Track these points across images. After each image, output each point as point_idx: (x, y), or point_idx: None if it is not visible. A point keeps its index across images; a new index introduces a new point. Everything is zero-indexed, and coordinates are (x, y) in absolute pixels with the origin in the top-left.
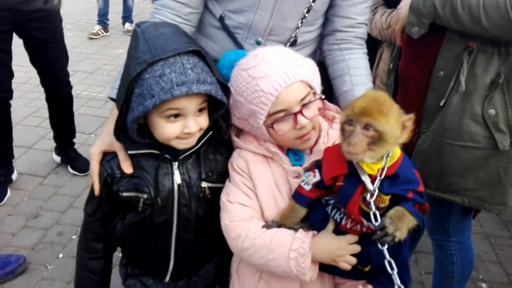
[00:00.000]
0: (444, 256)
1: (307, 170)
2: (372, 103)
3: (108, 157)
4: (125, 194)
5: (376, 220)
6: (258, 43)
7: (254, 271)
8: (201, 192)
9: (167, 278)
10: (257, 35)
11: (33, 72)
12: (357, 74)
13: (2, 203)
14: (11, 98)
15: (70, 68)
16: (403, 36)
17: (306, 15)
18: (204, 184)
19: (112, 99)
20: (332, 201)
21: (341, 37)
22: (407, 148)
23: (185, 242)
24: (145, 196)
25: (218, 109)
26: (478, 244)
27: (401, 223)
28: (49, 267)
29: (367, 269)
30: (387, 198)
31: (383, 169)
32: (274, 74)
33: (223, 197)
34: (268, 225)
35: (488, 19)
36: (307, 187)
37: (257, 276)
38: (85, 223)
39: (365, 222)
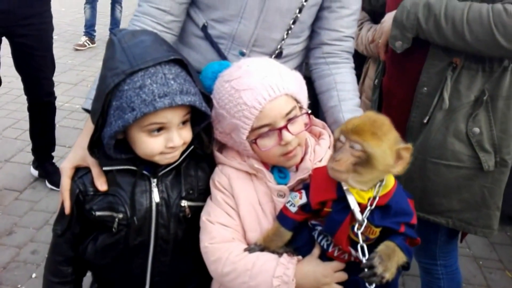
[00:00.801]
0: (431, 281)
1: (293, 189)
2: (367, 123)
3: (80, 172)
4: (98, 213)
5: (363, 254)
6: (242, 54)
7: None
8: (181, 212)
9: None
10: (241, 46)
11: (15, 83)
12: (344, 89)
13: None
14: None
15: (54, 79)
16: (388, 51)
17: (292, 26)
18: (184, 203)
19: (86, 110)
20: (319, 227)
21: (327, 51)
22: None
23: (162, 266)
24: (121, 215)
25: (200, 121)
26: (466, 266)
27: (390, 263)
28: None
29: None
30: (377, 230)
31: (374, 198)
32: (258, 87)
33: (203, 216)
34: (250, 249)
35: (472, 34)
36: (293, 209)
37: None
38: (53, 244)
39: (353, 252)
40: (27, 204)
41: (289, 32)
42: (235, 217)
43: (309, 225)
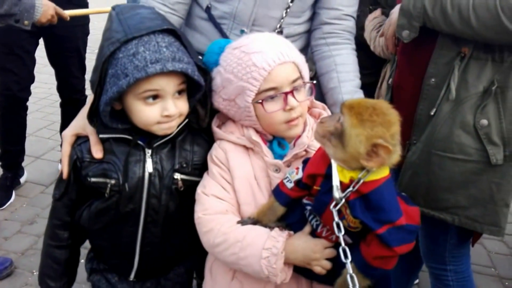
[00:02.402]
0: None
1: (289, 165)
2: (365, 105)
3: (80, 140)
4: (93, 179)
5: (339, 230)
6: (244, 34)
7: (228, 270)
8: (174, 184)
9: (132, 276)
10: (242, 24)
11: (54, 90)
12: (344, 71)
13: (3, 207)
14: (27, 99)
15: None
16: (399, 45)
17: (290, 4)
18: (177, 176)
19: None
20: (309, 207)
21: (328, 30)
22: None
23: (153, 237)
24: (113, 181)
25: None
26: (491, 287)
27: None
28: (35, 273)
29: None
30: (356, 220)
31: (358, 181)
32: (268, 50)
33: (199, 189)
34: (243, 221)
35: (478, 20)
36: (289, 185)
37: (230, 275)
38: (52, 208)
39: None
40: (51, 198)
41: (288, 10)
42: (230, 191)
43: (303, 203)
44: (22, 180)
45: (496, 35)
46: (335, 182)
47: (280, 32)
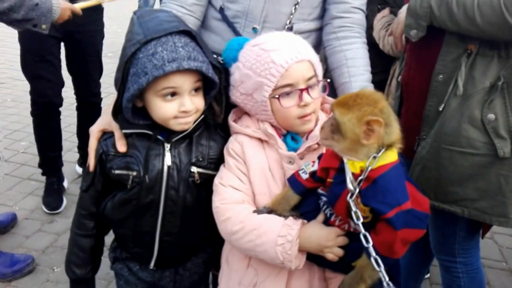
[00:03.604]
0: (451, 280)
1: (302, 156)
2: (349, 96)
3: (105, 135)
4: (117, 171)
5: (358, 219)
6: (255, 31)
7: (243, 258)
8: (191, 177)
9: (152, 265)
10: (254, 22)
11: (69, 93)
12: (354, 65)
13: (59, 210)
14: (61, 105)
15: (106, 90)
16: (409, 43)
17: (299, 0)
18: (194, 169)
19: None
20: (324, 198)
21: (338, 24)
22: (408, 157)
23: (171, 227)
24: (135, 173)
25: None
26: (502, 281)
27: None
28: (56, 270)
29: (356, 263)
30: (366, 209)
31: (366, 169)
32: (286, 49)
33: (216, 180)
34: (259, 211)
35: (482, 18)
36: (304, 176)
37: (246, 263)
38: (79, 199)
39: (352, 223)
40: (70, 198)
41: (297, 6)
42: (246, 182)
43: (318, 193)
44: (65, 185)
45: (501, 32)
46: (348, 174)
47: (290, 29)
